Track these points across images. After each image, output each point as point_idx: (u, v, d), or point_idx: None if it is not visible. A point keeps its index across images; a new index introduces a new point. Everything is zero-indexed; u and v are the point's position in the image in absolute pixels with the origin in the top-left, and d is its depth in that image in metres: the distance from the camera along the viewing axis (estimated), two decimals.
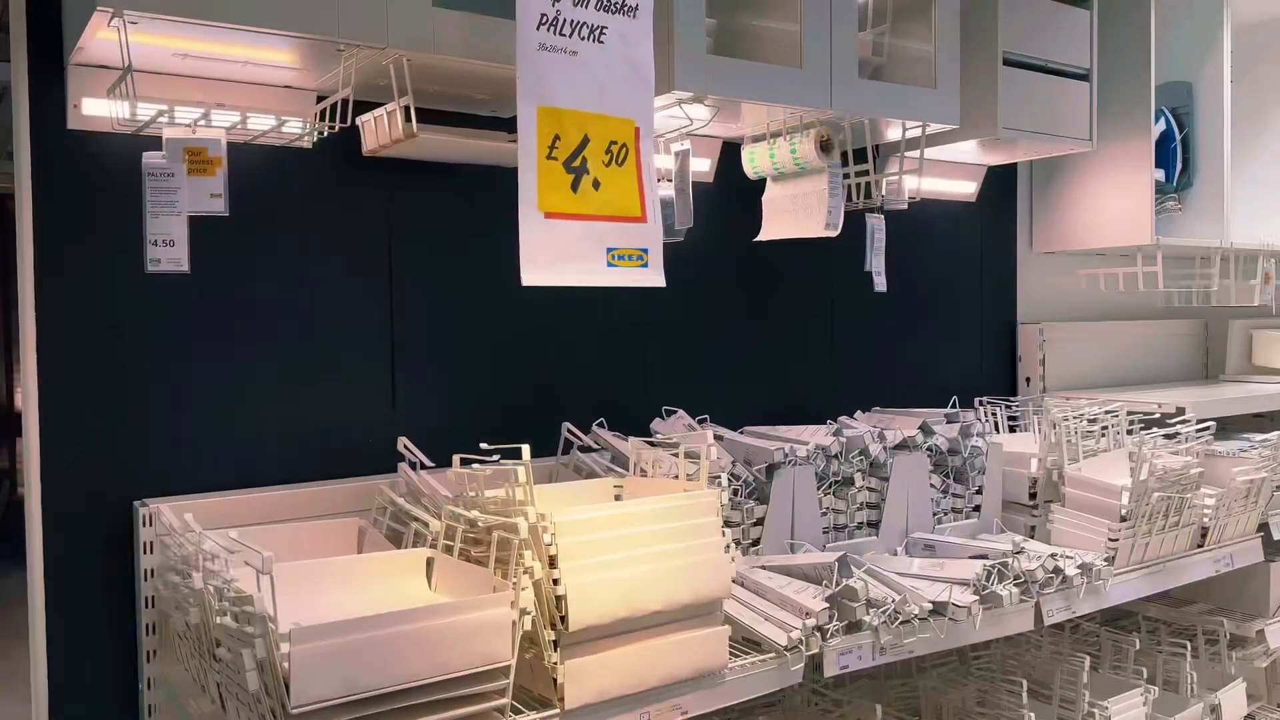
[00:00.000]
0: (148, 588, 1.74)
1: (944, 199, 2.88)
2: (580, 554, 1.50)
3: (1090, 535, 2.22)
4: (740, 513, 1.99)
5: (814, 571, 1.84)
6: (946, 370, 2.93)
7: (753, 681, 1.66)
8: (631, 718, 1.54)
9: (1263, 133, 3.36)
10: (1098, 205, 2.89)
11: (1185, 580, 2.35)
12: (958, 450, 2.25)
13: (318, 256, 1.95)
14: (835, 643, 1.73)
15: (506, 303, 2.16)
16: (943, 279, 2.91)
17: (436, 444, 2.03)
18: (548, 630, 1.48)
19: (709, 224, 2.44)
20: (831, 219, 2.16)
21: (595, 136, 1.57)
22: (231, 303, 1.87)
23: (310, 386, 1.95)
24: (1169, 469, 2.23)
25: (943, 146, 2.51)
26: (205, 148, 1.58)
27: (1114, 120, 2.81)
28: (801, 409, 2.63)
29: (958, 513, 2.26)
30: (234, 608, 1.29)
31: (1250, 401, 2.94)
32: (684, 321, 2.43)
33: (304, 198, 1.93)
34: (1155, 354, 3.43)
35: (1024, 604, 1.98)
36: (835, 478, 2.10)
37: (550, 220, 1.53)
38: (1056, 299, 3.21)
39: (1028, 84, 2.45)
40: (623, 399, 2.33)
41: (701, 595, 1.59)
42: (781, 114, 2.12)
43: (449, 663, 1.34)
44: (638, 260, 1.66)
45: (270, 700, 1.25)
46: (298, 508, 1.84)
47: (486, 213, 2.13)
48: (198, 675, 1.56)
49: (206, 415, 1.85)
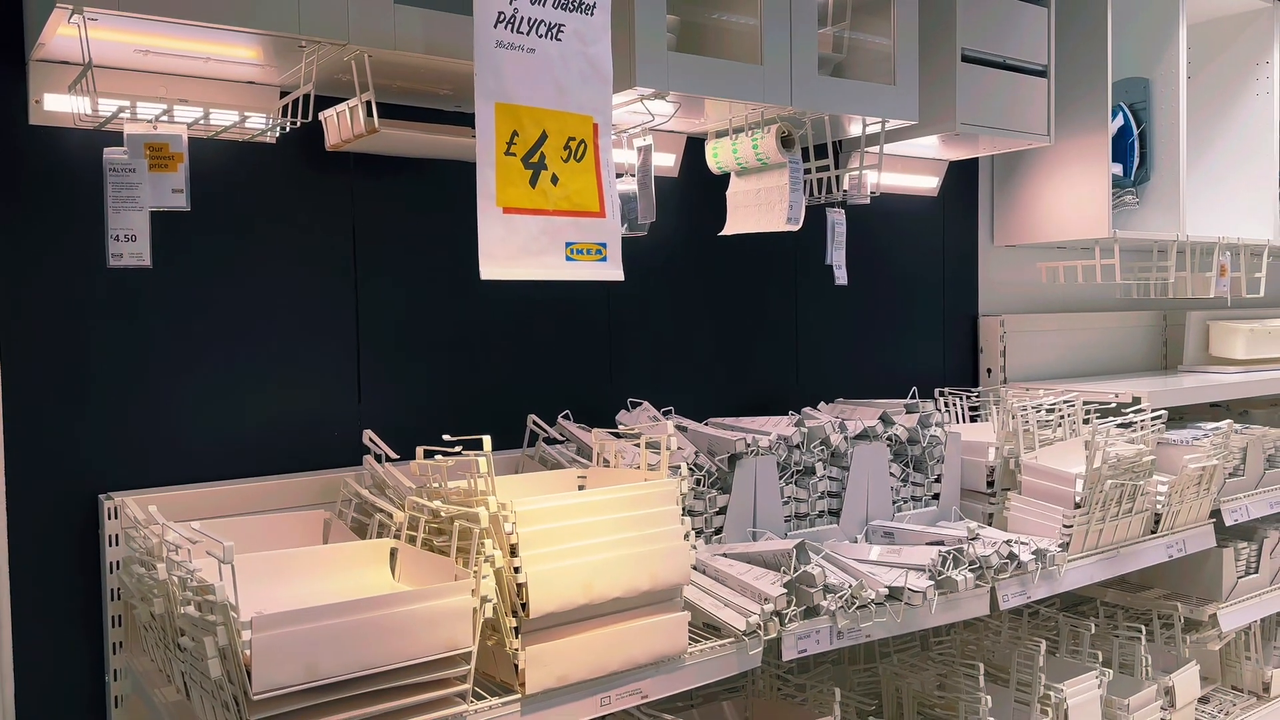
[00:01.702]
0: (113, 580, 1.75)
1: (906, 193, 2.93)
2: (541, 542, 1.53)
3: (1046, 522, 2.27)
4: (703, 502, 2.02)
5: (773, 558, 1.88)
6: (909, 362, 2.98)
7: (712, 665, 1.70)
8: (592, 702, 1.57)
9: (1218, 127, 3.43)
10: (1057, 199, 2.95)
11: (1138, 566, 2.41)
12: (917, 440, 2.29)
13: (282, 251, 1.96)
14: (793, 627, 1.77)
15: (472, 296, 2.18)
16: (905, 272, 2.96)
17: (402, 437, 2.05)
18: (509, 617, 1.51)
19: (674, 218, 2.48)
20: (793, 214, 2.19)
21: (553, 133, 1.60)
22: (196, 297, 1.88)
23: (275, 380, 1.96)
24: (1122, 457, 2.28)
25: (904, 142, 2.56)
26: (167, 143, 1.59)
27: (1072, 116, 2.86)
28: (765, 400, 2.67)
29: (917, 501, 2.31)
30: (197, 597, 1.31)
31: (1206, 391, 3.01)
32: (649, 315, 2.46)
33: (268, 193, 1.94)
34: (1114, 345, 3.50)
35: (979, 589, 2.03)
36: (797, 467, 2.14)
37: (509, 215, 1.56)
38: (1017, 291, 3.27)
39: (986, 80, 2.49)
40: (588, 391, 2.36)
41: (661, 582, 1.62)
42: (743, 110, 2.15)
43: (410, 650, 1.36)
44: (596, 255, 1.69)
45: (233, 687, 1.27)
46: (263, 500, 1.86)
47: (451, 207, 2.15)
48: (163, 665, 1.58)
49: (172, 409, 1.86)
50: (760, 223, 2.25)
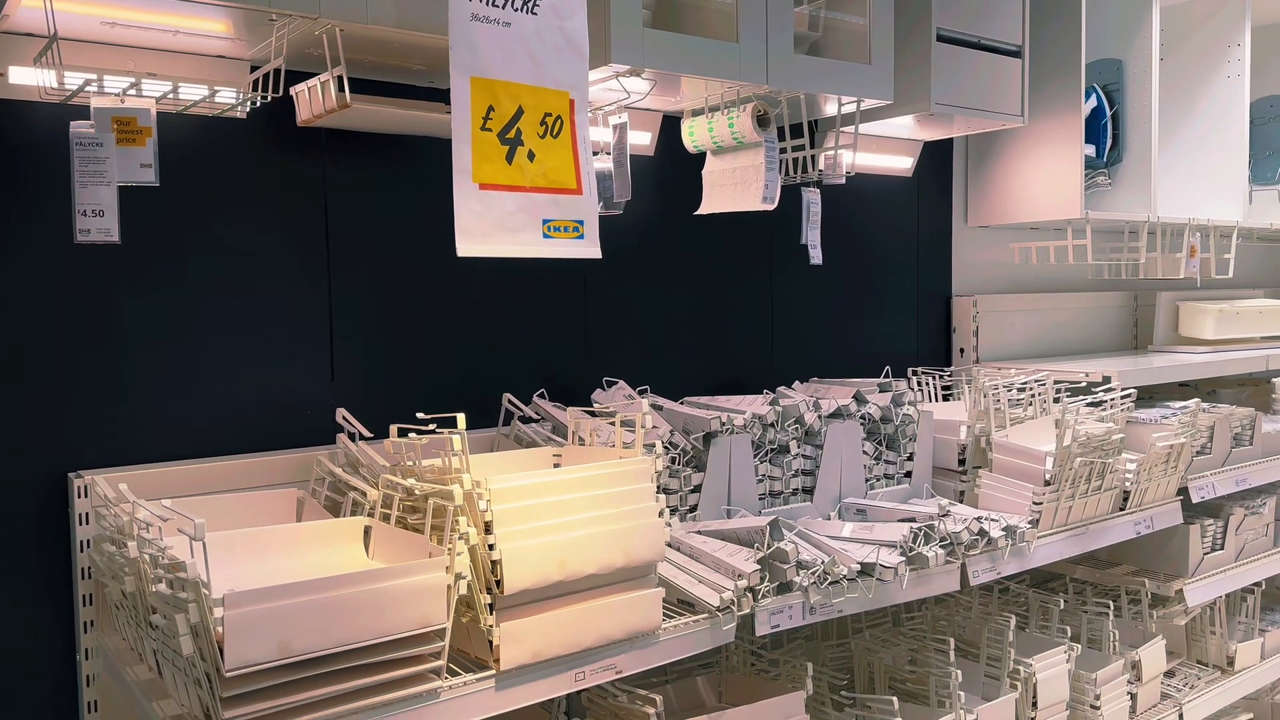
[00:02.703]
0: (84, 558, 1.74)
1: (881, 174, 2.94)
2: (515, 520, 1.53)
3: (1016, 499, 2.29)
4: (678, 480, 2.03)
5: (747, 535, 1.90)
6: (883, 341, 2.99)
7: (686, 641, 1.71)
8: (566, 678, 1.58)
9: (1190, 109, 3.46)
10: (1030, 180, 2.96)
11: (1107, 542, 2.45)
12: (890, 418, 2.31)
13: (253, 227, 1.95)
14: (766, 603, 1.79)
15: (447, 274, 2.17)
16: (880, 252, 2.97)
17: (376, 416, 2.05)
18: (483, 594, 1.51)
19: (650, 197, 2.47)
20: (768, 193, 2.19)
21: (529, 108, 1.59)
22: (165, 274, 1.86)
23: (247, 358, 1.95)
24: (1092, 435, 2.31)
25: (879, 122, 2.56)
26: (134, 117, 1.57)
27: (1046, 96, 2.88)
28: (740, 379, 2.68)
29: (890, 479, 2.33)
30: (168, 574, 1.31)
31: (1175, 371, 3.05)
32: (625, 293, 2.46)
33: (238, 168, 1.92)
34: (1086, 325, 3.53)
35: (950, 565, 2.05)
36: (771, 445, 2.15)
37: (485, 191, 1.55)
38: (990, 272, 3.29)
39: (961, 60, 2.50)
40: (564, 370, 2.36)
41: (635, 558, 1.63)
42: (719, 88, 2.14)
43: (384, 627, 1.37)
44: (573, 232, 1.69)
45: (205, 664, 1.26)
46: (236, 478, 1.85)
47: (425, 183, 2.13)
48: (135, 644, 1.57)
49: (142, 387, 1.84)
50: (736, 202, 2.25)
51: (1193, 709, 2.80)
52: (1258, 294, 3.95)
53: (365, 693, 1.37)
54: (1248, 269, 4.14)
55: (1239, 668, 3.06)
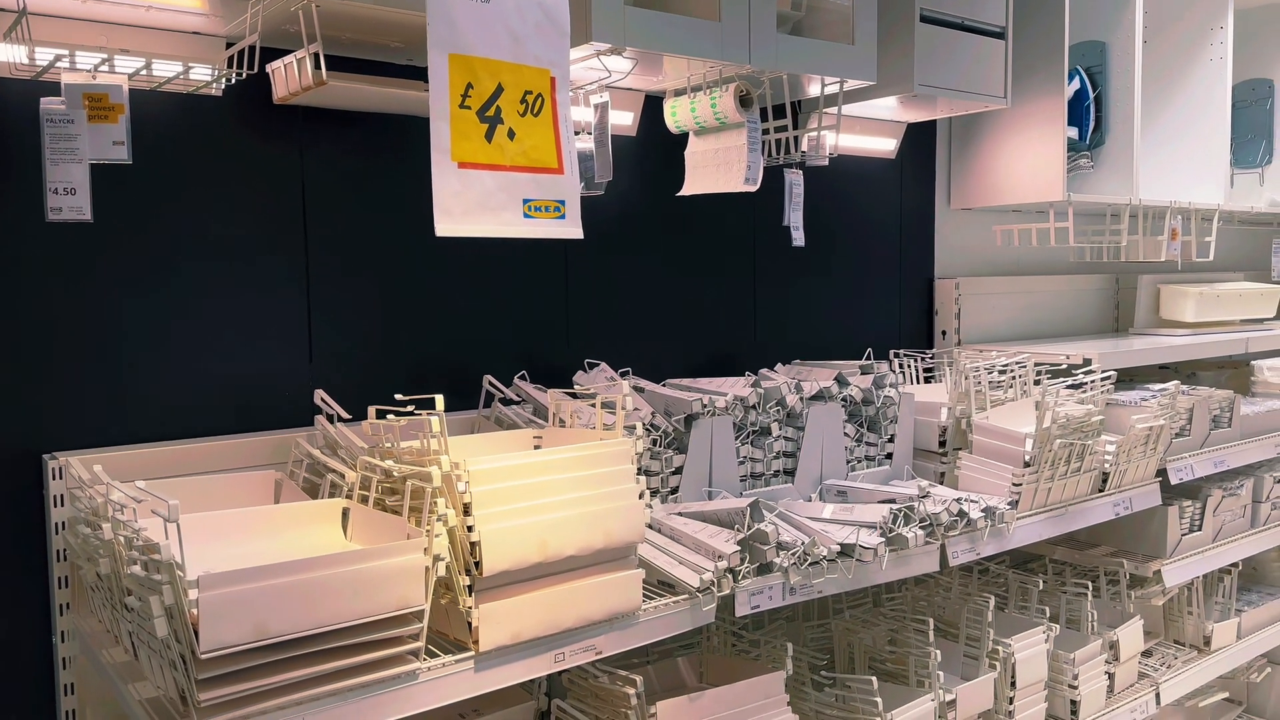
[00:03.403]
0: (59, 541, 1.73)
1: (864, 155, 2.93)
2: (494, 501, 1.52)
3: (996, 480, 2.30)
4: (660, 462, 2.03)
5: (728, 517, 1.90)
6: (866, 323, 3.00)
7: (666, 622, 1.71)
8: (546, 659, 1.58)
9: (1172, 92, 3.46)
10: (1013, 162, 2.96)
11: (1086, 523, 2.46)
12: (871, 400, 2.31)
13: (229, 206, 1.92)
14: (746, 584, 1.79)
15: (426, 254, 2.16)
16: (862, 234, 2.97)
17: (355, 398, 2.04)
18: (462, 576, 1.50)
19: (632, 178, 2.46)
20: (750, 174, 2.18)
21: (509, 85, 1.57)
22: (139, 254, 1.84)
23: (224, 339, 1.93)
24: (1072, 417, 2.32)
25: (862, 103, 2.55)
26: (106, 94, 1.55)
27: (1029, 79, 2.87)
28: (723, 362, 2.67)
29: (871, 460, 2.33)
30: (142, 556, 1.29)
31: (1155, 353, 3.06)
32: (607, 275, 2.44)
33: (214, 146, 1.90)
34: (1067, 308, 3.54)
35: (929, 546, 2.06)
36: (753, 427, 2.15)
37: (464, 170, 1.53)
38: (973, 254, 3.29)
39: (944, 41, 2.49)
40: (545, 352, 2.35)
41: (615, 540, 1.63)
42: (701, 68, 2.13)
43: (361, 608, 1.36)
44: (554, 212, 1.67)
45: (180, 646, 1.25)
46: (213, 460, 1.84)
47: (404, 162, 2.11)
48: (110, 626, 1.56)
49: (117, 368, 1.82)
50: (718, 183, 2.24)
51: (1169, 688, 2.83)
52: (1237, 277, 3.97)
53: (343, 674, 1.37)
54: (1228, 252, 4.16)
55: (1215, 647, 3.10)
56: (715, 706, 1.81)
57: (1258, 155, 3.84)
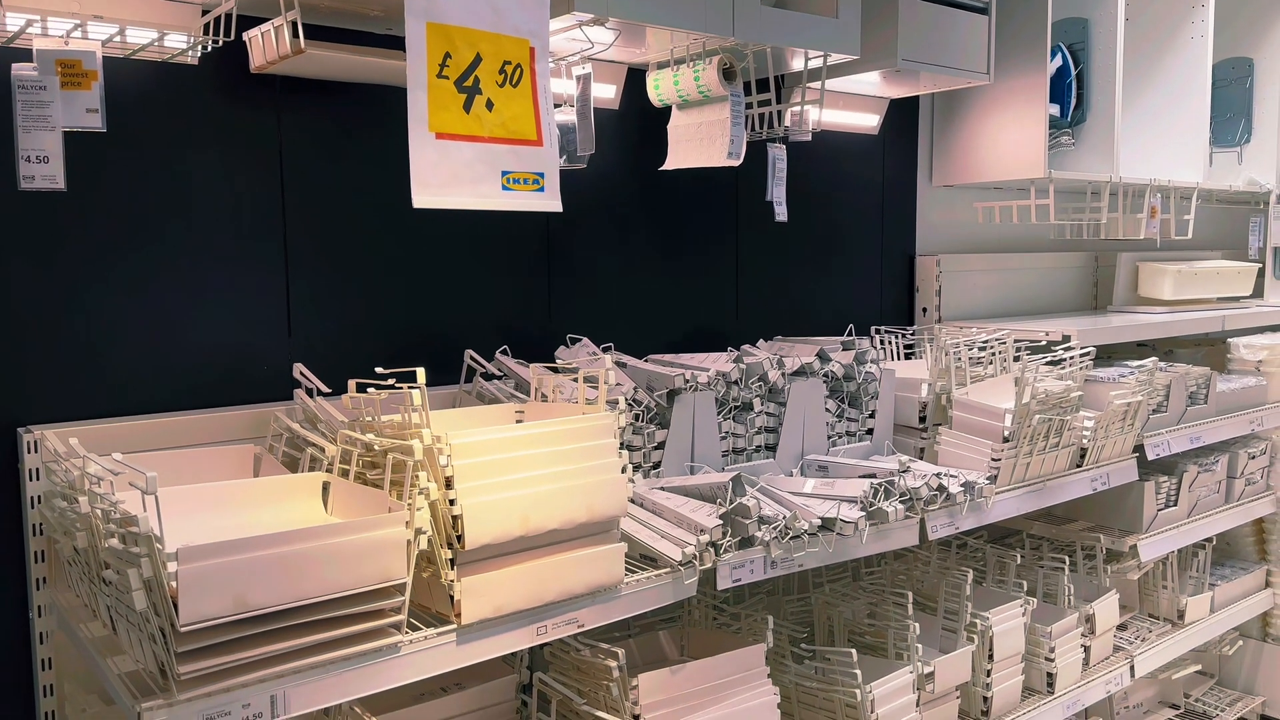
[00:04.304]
0: (35, 514, 1.71)
1: (847, 131, 2.92)
2: (476, 475, 1.52)
3: (975, 455, 2.32)
4: (642, 437, 2.03)
5: (710, 491, 1.90)
6: (847, 300, 3.00)
7: (648, 595, 1.71)
8: (528, 632, 1.58)
9: (1153, 70, 3.47)
10: (994, 140, 2.96)
11: (1064, 498, 2.48)
12: (852, 376, 2.32)
13: (205, 176, 1.90)
14: (728, 557, 1.80)
15: (407, 227, 2.14)
16: (845, 210, 2.96)
17: (335, 372, 2.02)
18: (444, 549, 1.50)
19: (614, 151, 2.44)
20: (734, 148, 2.17)
21: (488, 55, 1.56)
22: (115, 224, 1.81)
23: (201, 312, 1.91)
24: (1050, 393, 2.33)
25: (846, 78, 2.54)
26: (79, 60, 1.52)
27: (1012, 55, 2.87)
28: (705, 337, 2.67)
29: (851, 436, 2.34)
30: (120, 529, 1.28)
31: (1134, 330, 3.08)
32: (589, 250, 2.43)
33: (190, 115, 1.87)
34: (1047, 285, 3.56)
35: (909, 520, 2.07)
36: (735, 403, 2.15)
37: (442, 141, 1.52)
38: (954, 231, 3.30)
39: (927, 16, 2.48)
40: (527, 327, 2.34)
41: (598, 514, 1.63)
42: (685, 40, 2.11)
43: (343, 581, 1.35)
44: (533, 184, 1.66)
45: (159, 620, 1.25)
46: (190, 434, 1.82)
47: (384, 133, 2.09)
48: (88, 600, 1.55)
49: (92, 340, 1.80)
50: (701, 157, 2.23)
51: (1144, 661, 2.87)
52: (1215, 255, 4.00)
53: (324, 647, 1.36)
54: (1206, 231, 4.18)
55: (1189, 621, 3.14)
56: (696, 679, 1.82)
57: (1237, 134, 3.86)
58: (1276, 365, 3.38)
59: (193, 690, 1.26)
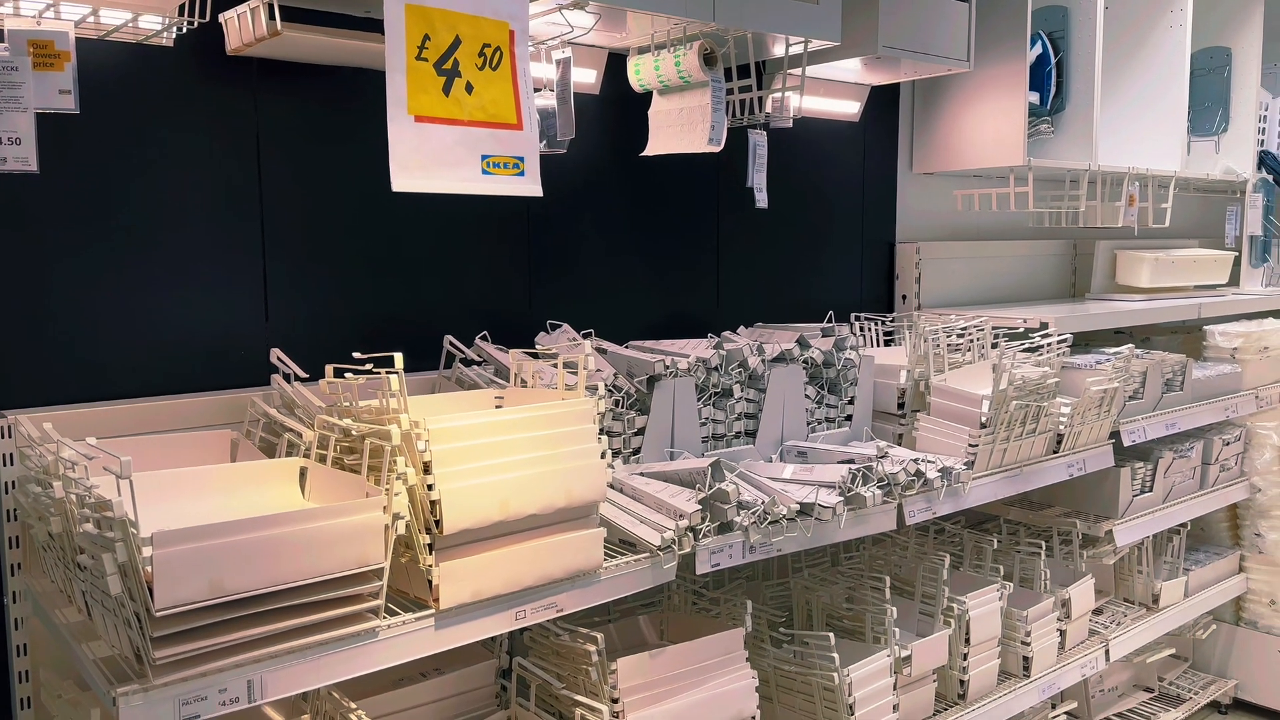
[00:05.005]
0: (9, 500, 1.69)
1: (828, 118, 2.92)
2: (455, 460, 1.52)
3: (953, 441, 2.33)
4: (622, 423, 2.03)
5: (689, 476, 1.90)
6: (827, 287, 3.01)
7: (626, 580, 1.72)
8: (507, 616, 1.58)
9: (1132, 58, 3.48)
10: (974, 127, 2.97)
11: (1040, 484, 2.51)
12: (832, 363, 2.32)
13: (182, 160, 1.88)
14: (707, 542, 1.80)
15: (386, 212, 2.13)
16: (825, 197, 2.97)
17: (313, 357, 2.01)
18: (423, 534, 1.50)
19: (595, 137, 2.43)
20: (714, 134, 2.17)
21: (467, 38, 1.55)
22: (90, 208, 1.79)
23: (178, 297, 1.89)
24: (1027, 379, 2.35)
25: (827, 64, 2.54)
26: (52, 40, 1.50)
27: (992, 43, 2.87)
28: (686, 324, 2.67)
29: (831, 422, 2.35)
30: (95, 514, 1.27)
31: (1110, 318, 3.11)
32: (570, 235, 2.43)
33: (165, 98, 1.85)
34: (1025, 273, 3.58)
35: (886, 505, 2.09)
36: (715, 389, 2.15)
37: (421, 124, 1.51)
38: (934, 219, 3.31)
39: (908, 3, 2.48)
40: (507, 313, 2.34)
41: (577, 499, 1.63)
42: (665, 25, 2.11)
43: (320, 566, 1.35)
44: (513, 169, 1.65)
45: (134, 604, 1.24)
46: (166, 419, 1.81)
47: (363, 116, 2.07)
48: (63, 585, 1.54)
49: (67, 325, 1.78)
50: (682, 143, 2.22)
51: (1119, 645, 2.91)
52: (1192, 244, 4.03)
53: (301, 632, 1.36)
54: (1183, 219, 4.21)
55: (1163, 605, 3.18)
56: (675, 663, 1.83)
57: (1214, 123, 3.88)
58: (1251, 353, 3.42)
59: (169, 675, 1.26)
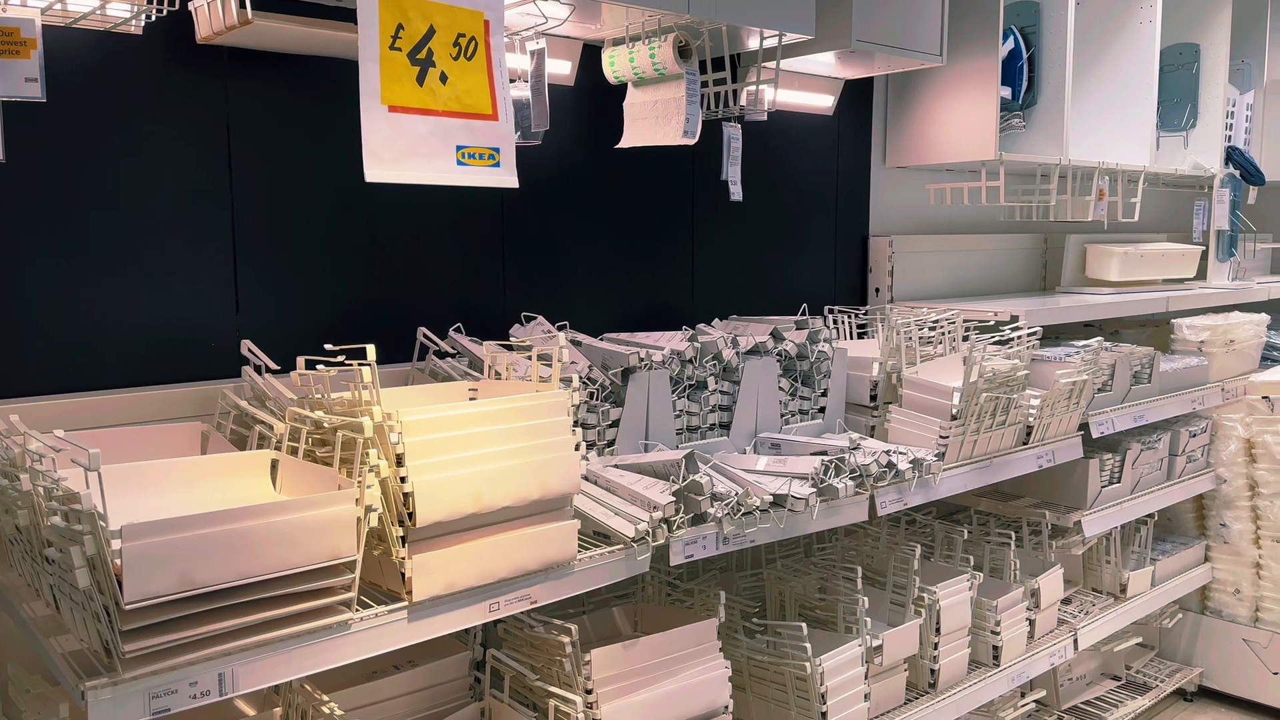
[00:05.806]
0: None
1: (802, 111, 2.93)
2: (428, 452, 1.51)
3: (924, 433, 2.35)
4: (596, 415, 2.03)
5: (663, 469, 1.91)
6: (801, 280, 3.02)
7: (600, 571, 1.72)
8: (480, 609, 1.58)
9: (1104, 54, 3.52)
10: (947, 122, 2.99)
11: (1010, 475, 2.53)
12: (805, 355, 2.34)
13: (151, 150, 1.86)
14: (681, 534, 1.81)
15: (359, 204, 2.11)
16: (799, 191, 2.98)
17: (284, 349, 1.99)
18: (396, 527, 1.50)
19: (569, 129, 2.43)
20: (689, 127, 2.17)
21: (442, 27, 1.54)
22: (57, 197, 1.77)
23: (148, 287, 1.87)
24: (998, 371, 2.37)
25: (800, 58, 2.55)
26: (18, 28, 1.47)
27: (964, 37, 2.89)
28: (660, 316, 2.68)
29: (804, 414, 2.37)
30: (62, 507, 1.26)
31: (1080, 311, 3.14)
32: (545, 228, 2.42)
33: (134, 87, 1.83)
34: (997, 266, 3.61)
35: (859, 496, 2.10)
36: (689, 381, 2.16)
37: (395, 114, 1.50)
38: (906, 213, 3.33)
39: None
40: (482, 305, 2.33)
41: (551, 491, 1.63)
42: (640, 16, 2.10)
43: (291, 559, 1.34)
44: (489, 160, 1.65)
45: (103, 598, 1.23)
46: (134, 412, 1.79)
47: (336, 106, 2.06)
48: (31, 579, 1.53)
49: (36, 315, 1.76)
50: (657, 135, 2.23)
51: (1087, 634, 2.95)
52: (1161, 238, 4.08)
53: (273, 625, 1.35)
54: (1152, 214, 4.27)
55: (1131, 595, 3.22)
56: (649, 654, 1.83)
57: (1183, 119, 3.93)
58: (1218, 346, 3.47)
59: (138, 669, 1.25)
